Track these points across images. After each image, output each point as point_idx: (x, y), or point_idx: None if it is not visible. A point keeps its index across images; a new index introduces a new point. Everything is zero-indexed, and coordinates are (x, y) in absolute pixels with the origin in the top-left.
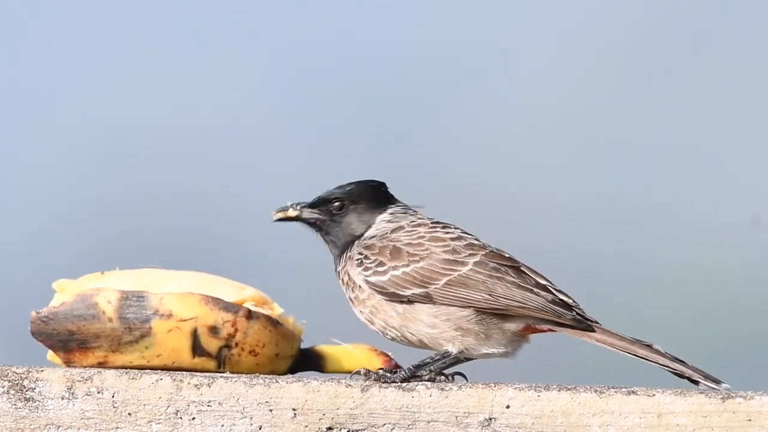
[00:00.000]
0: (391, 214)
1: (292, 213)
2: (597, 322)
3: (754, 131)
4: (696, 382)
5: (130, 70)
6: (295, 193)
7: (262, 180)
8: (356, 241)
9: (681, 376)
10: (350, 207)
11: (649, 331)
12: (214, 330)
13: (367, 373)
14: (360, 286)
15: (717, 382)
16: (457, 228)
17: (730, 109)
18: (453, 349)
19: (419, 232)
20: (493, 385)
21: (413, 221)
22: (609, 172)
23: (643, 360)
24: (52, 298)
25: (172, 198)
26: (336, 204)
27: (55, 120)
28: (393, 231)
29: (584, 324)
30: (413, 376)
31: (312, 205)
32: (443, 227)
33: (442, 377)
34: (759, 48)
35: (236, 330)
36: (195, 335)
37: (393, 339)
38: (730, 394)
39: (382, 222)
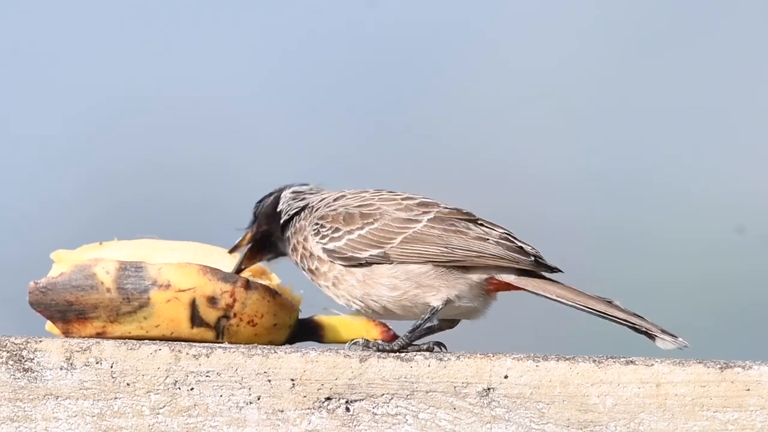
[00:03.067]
0: (293, 192)
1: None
2: (559, 270)
3: (756, 95)
4: (653, 337)
5: (126, 42)
6: (291, 164)
7: (259, 150)
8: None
9: (639, 330)
10: (260, 229)
11: (644, 300)
12: (212, 300)
13: (367, 343)
14: (318, 257)
15: (674, 336)
16: (400, 192)
17: (732, 72)
18: (435, 303)
19: (365, 196)
20: (491, 355)
21: (350, 189)
22: (605, 139)
23: (601, 315)
24: (50, 268)
25: (170, 168)
26: (257, 238)
27: (52, 91)
28: (335, 200)
29: (544, 267)
30: (410, 343)
31: (250, 258)
32: (388, 191)
33: (440, 347)
34: (762, 11)
35: (234, 300)
36: (193, 305)
37: (358, 312)
38: (728, 363)
39: (287, 199)
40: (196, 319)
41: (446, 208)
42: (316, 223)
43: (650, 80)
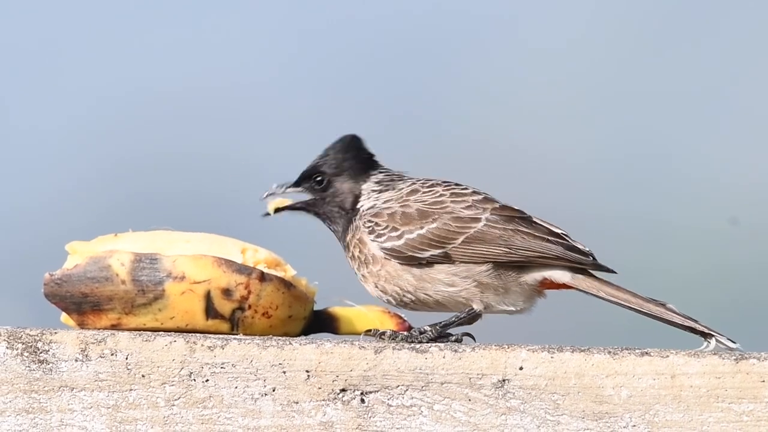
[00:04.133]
0: (377, 182)
1: (284, 202)
2: (613, 271)
3: None
4: (709, 338)
5: (142, 33)
6: (309, 153)
7: (276, 139)
8: (355, 215)
9: (694, 331)
10: (333, 180)
11: (661, 290)
12: (227, 292)
13: (394, 335)
14: (374, 255)
15: (731, 340)
16: (465, 185)
17: (752, 56)
18: (477, 306)
19: (438, 191)
20: (506, 346)
21: (424, 183)
22: (623, 127)
23: (656, 318)
24: (65, 260)
25: (185, 159)
26: (318, 179)
27: (70, 82)
28: (409, 194)
29: (605, 267)
30: (440, 336)
31: (296, 184)
32: (456, 184)
33: (456, 337)
34: None
35: (249, 292)
36: (208, 297)
37: (406, 305)
38: (743, 355)
39: (371, 192)
40: (210, 310)
41: (502, 205)
42: (370, 221)
43: (669, 66)
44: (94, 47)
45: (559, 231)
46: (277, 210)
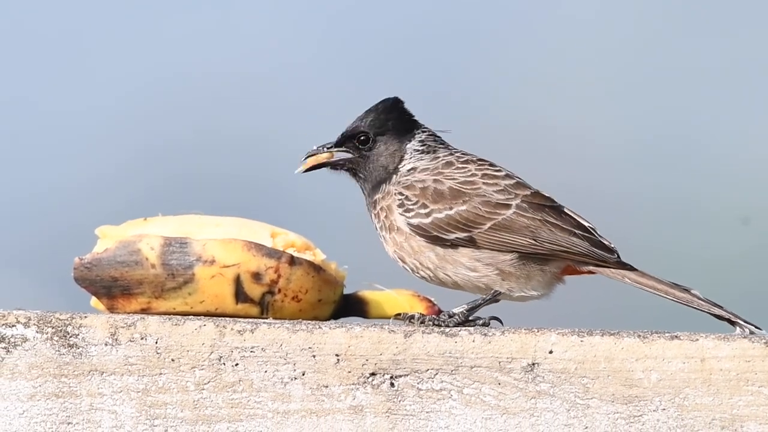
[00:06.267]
0: (420, 141)
1: (321, 158)
2: (634, 268)
3: None
4: (735, 323)
5: (175, 17)
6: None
7: (306, 122)
8: (393, 176)
9: (720, 318)
10: (377, 140)
11: (687, 271)
12: (257, 276)
13: (423, 319)
14: (398, 228)
15: (757, 327)
16: (499, 166)
17: None
18: (503, 290)
19: (471, 170)
20: (536, 330)
21: (459, 157)
22: (650, 107)
23: (682, 303)
24: (95, 244)
25: (216, 143)
26: (362, 138)
27: (101, 66)
28: (444, 166)
29: (628, 265)
30: (467, 320)
31: (338, 144)
32: (490, 165)
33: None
34: None
35: (279, 276)
36: (238, 281)
37: (423, 278)
38: None
39: (413, 152)
40: (240, 294)
41: (534, 191)
42: (401, 193)
43: (704, 44)
44: (126, 32)
45: (587, 224)
46: (310, 169)
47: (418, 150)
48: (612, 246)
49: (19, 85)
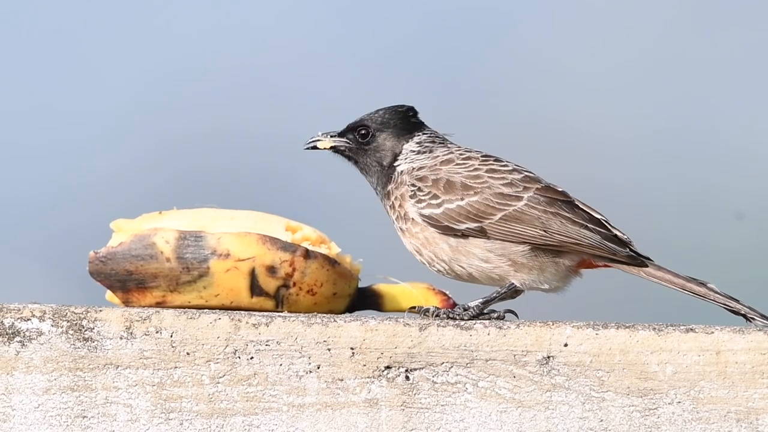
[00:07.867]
0: (418, 143)
1: (322, 144)
2: (650, 259)
3: None
4: (751, 319)
5: (188, 11)
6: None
7: (322, 115)
8: (395, 171)
9: (736, 313)
10: (376, 134)
11: (708, 265)
12: (271, 270)
13: (437, 312)
14: (413, 219)
15: None
16: (506, 160)
17: None
18: (516, 281)
19: (473, 165)
20: (551, 323)
21: (461, 154)
22: (670, 100)
23: (699, 297)
24: (110, 238)
25: (231, 137)
26: (362, 132)
27: (115, 62)
28: (442, 163)
29: (638, 260)
30: (482, 313)
31: (341, 134)
32: (495, 160)
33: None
34: None
35: (294, 269)
36: (253, 275)
37: (439, 271)
38: None
39: (409, 152)
40: (255, 288)
41: (546, 185)
42: (414, 185)
43: (723, 37)
44: (139, 26)
45: (600, 217)
46: (316, 147)
47: (414, 150)
48: (626, 238)
49: (35, 84)
